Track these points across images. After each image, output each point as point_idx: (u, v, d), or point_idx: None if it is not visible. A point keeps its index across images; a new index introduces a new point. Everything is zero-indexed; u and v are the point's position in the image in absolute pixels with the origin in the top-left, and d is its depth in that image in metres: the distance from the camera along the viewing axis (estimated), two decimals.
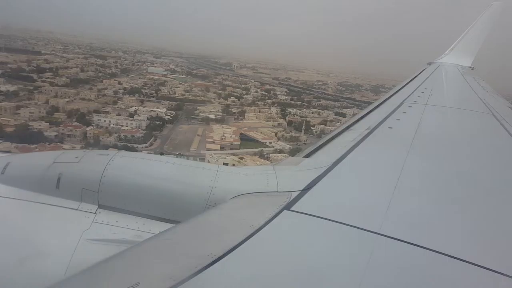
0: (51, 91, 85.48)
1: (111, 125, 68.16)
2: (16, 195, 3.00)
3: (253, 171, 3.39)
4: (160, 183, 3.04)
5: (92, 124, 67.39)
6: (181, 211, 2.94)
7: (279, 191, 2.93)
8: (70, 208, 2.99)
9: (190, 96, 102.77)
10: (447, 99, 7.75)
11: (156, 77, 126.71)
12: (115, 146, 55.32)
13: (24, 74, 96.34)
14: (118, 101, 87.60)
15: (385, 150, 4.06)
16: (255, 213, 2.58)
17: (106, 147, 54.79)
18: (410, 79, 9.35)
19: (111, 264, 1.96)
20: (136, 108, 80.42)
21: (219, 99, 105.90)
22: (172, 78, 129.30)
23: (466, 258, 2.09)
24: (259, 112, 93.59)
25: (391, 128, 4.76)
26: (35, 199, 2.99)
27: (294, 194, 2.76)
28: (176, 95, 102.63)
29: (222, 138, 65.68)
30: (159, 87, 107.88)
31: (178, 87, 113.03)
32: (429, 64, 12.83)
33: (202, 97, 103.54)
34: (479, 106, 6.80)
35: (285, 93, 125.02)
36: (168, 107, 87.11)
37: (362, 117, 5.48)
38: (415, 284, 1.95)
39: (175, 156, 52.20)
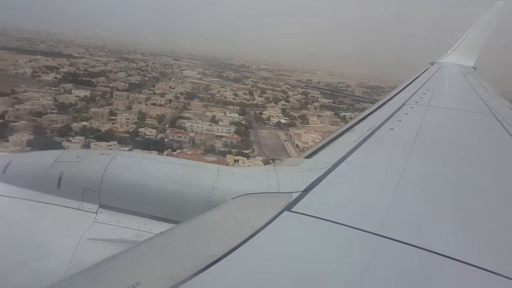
0: (122, 96, 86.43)
1: (204, 131, 68.83)
2: (17, 194, 2.91)
3: (254, 171, 3.31)
4: (161, 183, 2.95)
5: (187, 129, 67.70)
6: (182, 211, 2.85)
7: (280, 191, 2.83)
8: (71, 208, 2.90)
9: (243, 100, 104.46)
10: (449, 100, 7.39)
11: (194, 80, 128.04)
12: (229, 153, 57.19)
13: (85, 79, 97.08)
14: (188, 106, 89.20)
15: (386, 152, 3.89)
16: (256, 213, 2.48)
17: (223, 153, 56.74)
18: (412, 79, 8.89)
19: (112, 264, 1.92)
20: (212, 113, 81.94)
21: (269, 102, 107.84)
22: (210, 82, 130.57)
23: (467, 260, 2.02)
24: (319, 116, 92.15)
25: (393, 129, 4.57)
26: (36, 198, 2.90)
27: (295, 195, 2.66)
28: (229, 99, 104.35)
29: (315, 144, 66.19)
30: (209, 91, 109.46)
31: (226, 91, 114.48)
32: (432, 64, 12.22)
33: (255, 101, 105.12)
34: (481, 108, 6.44)
35: (321, 95, 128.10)
36: (233, 111, 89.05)
37: (363, 118, 5.23)
38: (416, 286, 1.89)
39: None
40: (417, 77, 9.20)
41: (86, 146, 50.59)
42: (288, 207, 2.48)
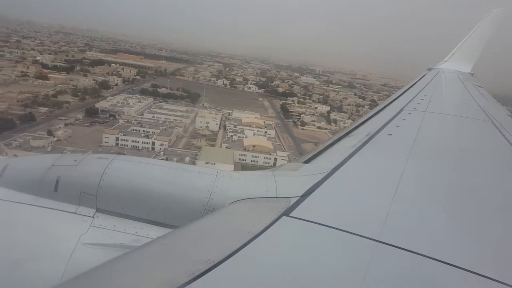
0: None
1: None
2: (14, 198, 2.84)
3: (252, 176, 3.21)
4: (158, 188, 2.87)
5: None
6: (180, 216, 2.79)
7: (278, 196, 2.78)
8: (68, 212, 2.82)
9: None
10: (446, 106, 7.35)
11: (322, 87, 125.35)
12: None
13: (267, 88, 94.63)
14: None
15: (384, 157, 3.83)
16: (254, 218, 2.44)
17: None
18: (410, 85, 8.87)
19: (108, 269, 1.88)
20: None
21: None
22: (338, 89, 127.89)
23: (464, 266, 1.99)
24: None
25: (391, 135, 4.53)
26: (33, 202, 2.84)
27: (293, 200, 2.63)
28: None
29: None
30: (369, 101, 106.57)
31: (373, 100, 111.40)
32: (429, 70, 12.29)
33: None
34: (479, 114, 6.40)
35: None
36: None
37: (362, 123, 5.18)
38: None
39: None
40: (414, 83, 9.12)
41: None
42: (286, 212, 2.44)
